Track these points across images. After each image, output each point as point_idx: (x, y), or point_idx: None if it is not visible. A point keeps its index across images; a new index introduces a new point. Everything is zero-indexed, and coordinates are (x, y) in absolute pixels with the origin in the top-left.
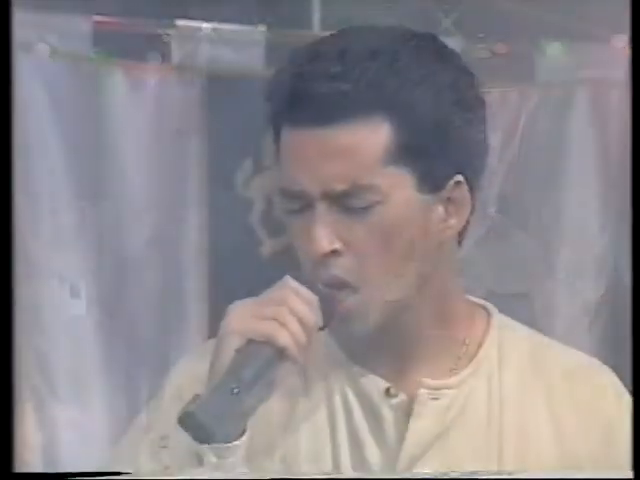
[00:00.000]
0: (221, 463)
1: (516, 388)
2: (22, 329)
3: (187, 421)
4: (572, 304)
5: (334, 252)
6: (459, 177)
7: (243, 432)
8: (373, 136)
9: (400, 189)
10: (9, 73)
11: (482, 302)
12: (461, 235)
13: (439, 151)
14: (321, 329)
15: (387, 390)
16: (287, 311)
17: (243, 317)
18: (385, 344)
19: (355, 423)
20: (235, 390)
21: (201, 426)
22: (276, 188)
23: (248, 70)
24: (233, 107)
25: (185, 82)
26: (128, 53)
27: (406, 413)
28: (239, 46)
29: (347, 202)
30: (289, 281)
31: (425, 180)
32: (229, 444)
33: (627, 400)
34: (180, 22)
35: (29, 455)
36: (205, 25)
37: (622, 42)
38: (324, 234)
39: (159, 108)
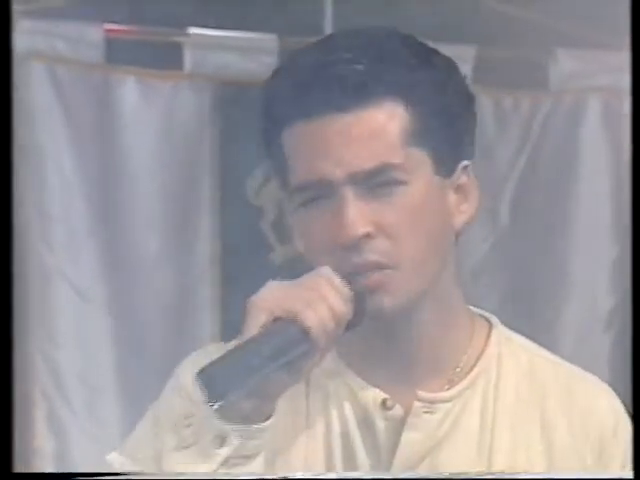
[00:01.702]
0: (243, 445)
1: (511, 402)
2: (34, 335)
3: (202, 378)
4: (585, 313)
5: (366, 236)
6: (466, 162)
7: (269, 416)
8: (390, 119)
9: (421, 170)
10: (9, 79)
11: (484, 313)
12: (457, 233)
13: (448, 135)
14: (349, 327)
15: (384, 402)
16: (318, 296)
17: (273, 295)
18: (386, 354)
19: (350, 433)
20: (254, 362)
21: (214, 385)
22: (283, 188)
23: (260, 78)
24: (245, 114)
25: (197, 89)
26: (140, 61)
27: (400, 425)
28: (251, 54)
29: (374, 181)
30: (324, 270)
31: (439, 163)
32: (253, 426)
33: (623, 418)
34: (192, 29)
35: (40, 462)
36: (217, 33)
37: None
38: (355, 218)
39: (171, 115)
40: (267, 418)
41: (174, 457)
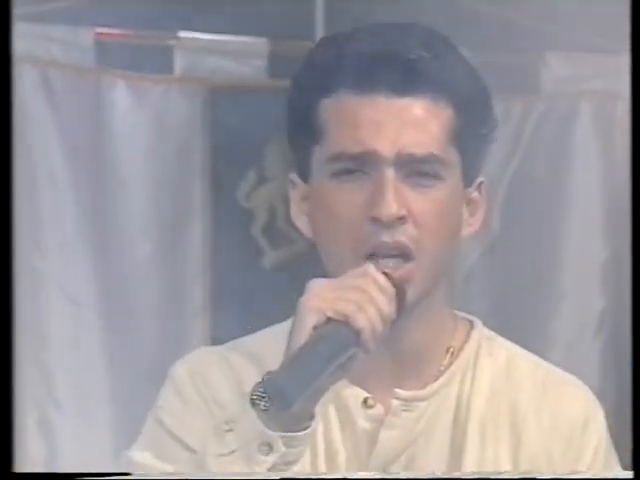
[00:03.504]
0: (289, 452)
1: (484, 399)
2: (25, 340)
3: (270, 387)
4: (576, 316)
5: (400, 218)
6: (482, 178)
7: (312, 417)
8: (440, 114)
9: (455, 172)
10: (9, 84)
11: (468, 316)
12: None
13: (477, 147)
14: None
15: (365, 400)
16: (367, 298)
17: (323, 296)
18: (376, 355)
19: (332, 431)
20: (317, 367)
21: (284, 394)
22: (325, 155)
23: (251, 81)
24: (236, 118)
25: (188, 93)
26: (130, 64)
27: (380, 424)
28: (241, 57)
29: (417, 169)
30: (370, 269)
31: (465, 170)
32: (298, 433)
33: (596, 417)
34: (183, 33)
35: (31, 467)
36: (208, 36)
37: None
38: (394, 198)
39: (162, 119)
40: (310, 419)
41: (218, 463)
